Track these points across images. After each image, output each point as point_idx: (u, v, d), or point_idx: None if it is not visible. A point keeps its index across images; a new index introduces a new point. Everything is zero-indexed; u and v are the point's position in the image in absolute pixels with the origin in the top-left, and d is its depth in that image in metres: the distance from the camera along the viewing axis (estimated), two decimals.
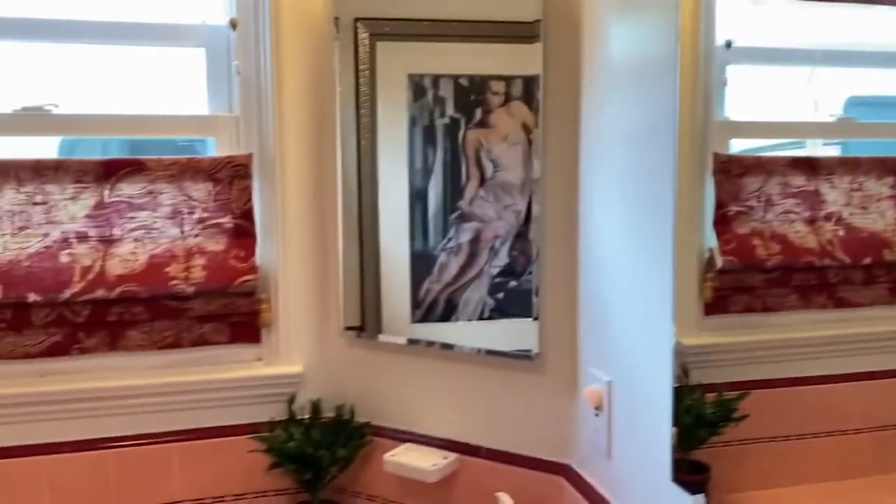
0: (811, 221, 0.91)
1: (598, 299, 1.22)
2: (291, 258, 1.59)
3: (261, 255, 1.57)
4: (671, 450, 0.99)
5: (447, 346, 1.45)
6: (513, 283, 1.38)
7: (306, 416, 1.57)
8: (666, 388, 0.99)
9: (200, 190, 1.53)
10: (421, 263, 1.50)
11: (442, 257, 1.47)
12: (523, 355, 1.35)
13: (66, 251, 1.46)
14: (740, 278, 0.96)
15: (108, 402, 1.50)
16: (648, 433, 1.05)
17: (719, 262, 0.97)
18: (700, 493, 0.93)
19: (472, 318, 1.44)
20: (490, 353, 1.39)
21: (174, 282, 1.49)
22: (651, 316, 1.04)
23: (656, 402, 1.02)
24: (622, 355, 1.14)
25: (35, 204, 1.46)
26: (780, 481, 0.86)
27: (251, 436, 1.53)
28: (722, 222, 0.96)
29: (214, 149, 1.59)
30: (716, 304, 0.97)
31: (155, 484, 1.52)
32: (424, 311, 1.50)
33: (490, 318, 1.42)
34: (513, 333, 1.37)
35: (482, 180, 1.41)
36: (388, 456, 1.45)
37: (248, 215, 1.55)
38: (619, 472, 1.15)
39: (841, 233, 0.88)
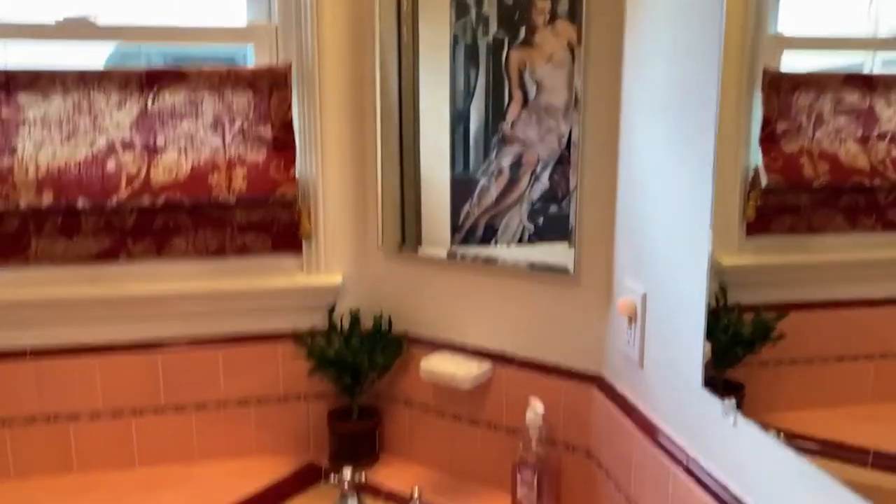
0: (863, 140, 0.89)
1: (637, 214, 1.22)
2: (330, 170, 1.61)
3: (300, 166, 1.59)
4: (703, 354, 1.01)
5: (488, 260, 1.46)
6: (553, 209, 1.38)
7: (346, 326, 1.63)
8: (700, 291, 1.00)
9: (241, 100, 1.54)
10: (461, 187, 1.50)
11: (482, 181, 1.47)
12: (560, 268, 1.37)
13: (113, 159, 1.49)
14: (785, 198, 0.95)
15: (156, 307, 1.56)
16: (681, 340, 1.07)
17: (764, 180, 0.95)
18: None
19: (511, 242, 1.45)
20: (529, 266, 1.41)
21: (216, 191, 1.52)
22: (689, 226, 1.04)
23: (690, 308, 1.03)
24: (658, 266, 1.15)
25: (82, 112, 1.48)
26: (815, 403, 0.86)
27: (293, 343, 1.58)
28: (769, 140, 0.94)
29: (253, 58, 1.59)
30: (759, 225, 0.97)
31: (202, 385, 1.60)
32: (464, 234, 1.51)
33: (529, 242, 1.43)
34: (550, 257, 1.38)
35: (525, 102, 1.39)
36: (424, 364, 1.50)
37: (287, 126, 1.56)
38: (651, 381, 1.18)
39: (895, 153, 0.87)
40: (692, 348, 1.04)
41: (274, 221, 1.60)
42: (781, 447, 0.86)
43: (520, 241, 1.44)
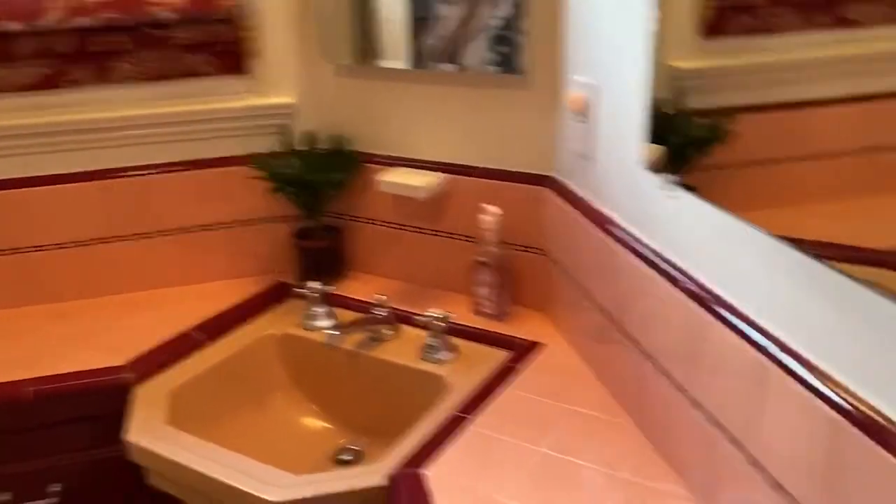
0: None
1: (587, 12, 1.20)
2: None
3: None
4: (645, 135, 1.03)
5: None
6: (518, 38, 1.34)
7: (302, 148, 1.62)
8: (645, 70, 1.01)
9: None
10: (420, 13, 1.44)
11: (441, 8, 1.41)
12: (512, 71, 1.36)
13: None
14: None
15: (106, 134, 1.52)
16: (625, 126, 1.09)
17: None
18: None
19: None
20: (482, 68, 1.39)
21: (155, 8, 1.46)
22: (635, 19, 1.04)
23: (634, 93, 1.05)
24: (606, 60, 1.15)
25: None
26: (767, 202, 0.87)
27: (251, 166, 1.58)
28: None
29: None
30: (716, 26, 0.95)
31: (163, 212, 1.60)
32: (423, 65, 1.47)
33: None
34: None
35: None
36: (380, 176, 1.51)
37: None
38: (599, 174, 1.21)
39: None
40: (635, 132, 1.05)
41: (218, 39, 1.53)
42: (720, 212, 0.90)
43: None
